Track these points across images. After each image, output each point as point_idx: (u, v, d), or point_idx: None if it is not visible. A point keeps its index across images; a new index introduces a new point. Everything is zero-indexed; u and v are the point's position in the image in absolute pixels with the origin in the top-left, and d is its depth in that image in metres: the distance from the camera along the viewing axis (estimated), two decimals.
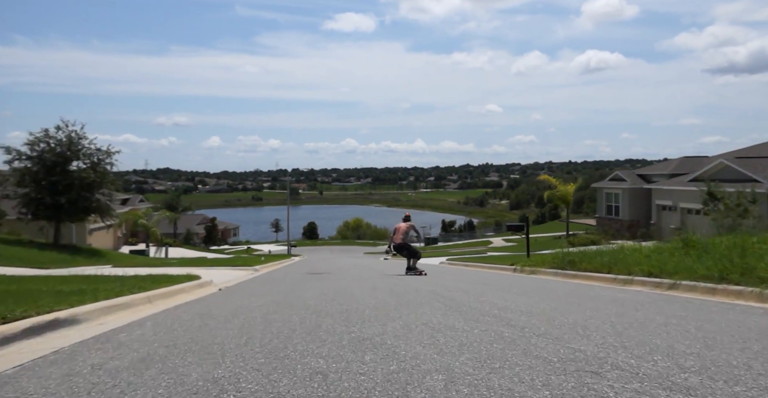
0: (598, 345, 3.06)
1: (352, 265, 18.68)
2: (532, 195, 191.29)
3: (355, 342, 3.30)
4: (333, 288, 7.42)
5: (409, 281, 9.20)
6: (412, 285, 7.99)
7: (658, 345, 3.08)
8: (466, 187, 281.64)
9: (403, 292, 6.65)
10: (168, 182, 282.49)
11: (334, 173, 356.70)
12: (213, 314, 4.75)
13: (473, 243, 49.03)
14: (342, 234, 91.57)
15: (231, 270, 13.71)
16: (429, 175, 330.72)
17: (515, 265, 11.52)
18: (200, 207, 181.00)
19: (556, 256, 10.04)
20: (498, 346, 3.08)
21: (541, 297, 6.03)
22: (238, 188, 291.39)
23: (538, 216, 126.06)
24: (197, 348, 3.17)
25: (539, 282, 8.56)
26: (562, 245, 25.32)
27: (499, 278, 9.59)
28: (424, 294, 6.28)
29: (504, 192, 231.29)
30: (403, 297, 6.12)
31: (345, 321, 4.18)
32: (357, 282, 8.55)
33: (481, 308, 4.91)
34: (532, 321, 4.03)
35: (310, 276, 11.14)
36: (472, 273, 12.40)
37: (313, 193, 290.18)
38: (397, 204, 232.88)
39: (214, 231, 56.77)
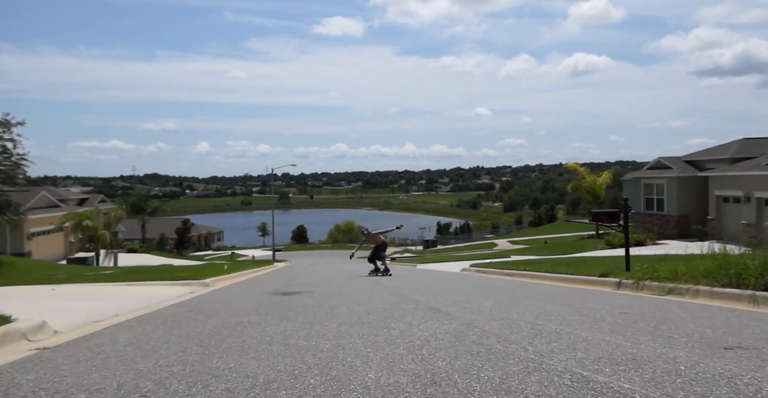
0: None
1: (345, 274, 14.17)
2: (526, 196, 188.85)
3: None
4: (308, 361, 2.85)
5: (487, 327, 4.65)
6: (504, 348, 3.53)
7: None
8: (458, 190, 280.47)
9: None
10: (156, 187, 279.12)
11: (324, 177, 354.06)
12: None
13: (476, 245, 44.61)
14: (333, 238, 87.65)
15: (164, 286, 9.08)
16: (420, 178, 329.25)
17: (619, 279, 6.96)
18: (188, 213, 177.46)
19: (699, 267, 5.57)
20: None
21: None
22: (227, 193, 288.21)
23: (534, 218, 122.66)
24: None
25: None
26: (599, 245, 21.22)
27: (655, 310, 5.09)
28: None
29: (497, 194, 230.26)
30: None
31: None
32: (366, 329, 4.00)
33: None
34: None
35: (277, 301, 6.62)
36: (558, 292, 7.79)
37: (303, 197, 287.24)
38: (389, 208, 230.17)
39: (187, 235, 50.17)
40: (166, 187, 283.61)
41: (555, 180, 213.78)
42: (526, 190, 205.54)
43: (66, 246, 30.24)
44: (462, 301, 6.10)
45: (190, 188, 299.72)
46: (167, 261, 26.64)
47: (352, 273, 15.83)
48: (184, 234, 47.45)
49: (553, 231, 49.12)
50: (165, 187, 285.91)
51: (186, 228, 49.32)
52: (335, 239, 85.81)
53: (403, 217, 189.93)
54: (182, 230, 48.51)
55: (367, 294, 7.39)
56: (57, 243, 28.38)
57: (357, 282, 9.97)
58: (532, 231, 61.17)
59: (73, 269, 17.53)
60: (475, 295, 6.73)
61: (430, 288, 8.17)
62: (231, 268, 15.57)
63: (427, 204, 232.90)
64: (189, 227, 46.73)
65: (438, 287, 8.62)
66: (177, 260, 29.89)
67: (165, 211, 44.97)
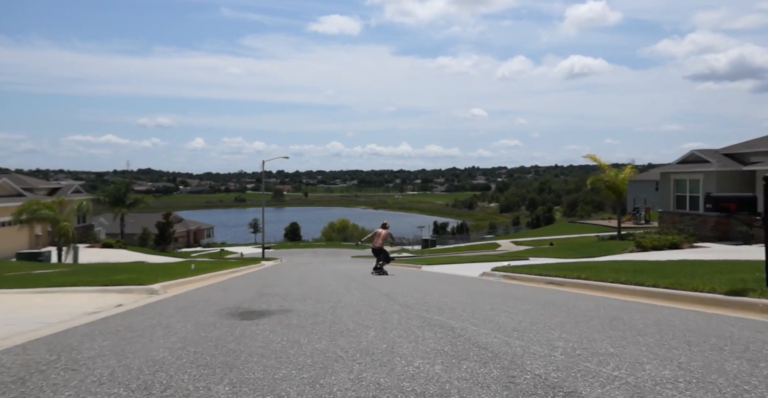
0: None
1: (342, 278, 11.54)
2: (523, 197, 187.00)
3: None
4: None
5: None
6: None
7: None
8: (454, 190, 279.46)
9: None
10: (149, 183, 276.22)
11: (319, 175, 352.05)
12: None
13: (478, 245, 42.03)
14: (327, 236, 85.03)
15: (90, 293, 6.38)
16: (415, 178, 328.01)
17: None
18: (180, 209, 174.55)
19: None
20: None
21: None
22: (220, 189, 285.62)
23: (532, 219, 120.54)
24: None
25: None
26: (628, 247, 18.73)
27: None
28: None
29: (493, 195, 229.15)
30: None
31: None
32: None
33: None
34: None
35: (218, 338, 3.79)
36: (713, 328, 5.15)
37: (297, 194, 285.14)
38: (384, 207, 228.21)
39: (169, 230, 44.30)
40: (159, 183, 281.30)
41: (552, 181, 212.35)
42: (523, 191, 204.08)
43: (31, 240, 27.34)
44: (577, 351, 3.45)
45: (184, 184, 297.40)
46: (141, 258, 23.89)
47: (351, 275, 13.15)
48: (165, 228, 43.50)
49: (556, 232, 46.68)
50: (158, 182, 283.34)
51: (168, 222, 44.39)
52: (329, 237, 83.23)
53: (398, 216, 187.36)
54: (164, 224, 43.67)
55: (381, 321, 4.73)
56: (19, 236, 25.52)
57: (359, 295, 7.29)
58: (533, 232, 58.76)
59: (7, 267, 14.76)
60: (573, 332, 4.10)
61: (477, 309, 5.50)
62: (209, 267, 12.90)
63: (423, 204, 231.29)
64: (171, 221, 43.54)
65: (481, 304, 5.97)
66: (154, 257, 27.10)
67: (148, 205, 41.71)
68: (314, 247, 62.61)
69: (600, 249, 19.94)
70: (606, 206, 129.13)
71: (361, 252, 55.87)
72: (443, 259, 20.68)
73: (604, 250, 19.13)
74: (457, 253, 32.05)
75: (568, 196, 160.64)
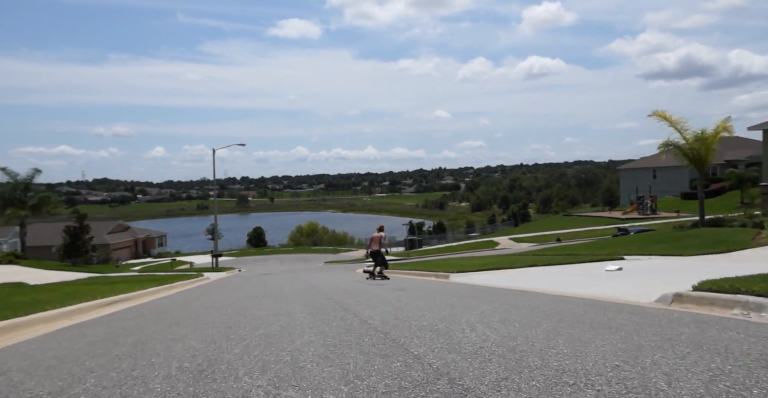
0: None
1: (328, 304, 6.06)
2: (494, 195, 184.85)
3: None
4: None
5: None
6: None
7: None
8: (423, 191, 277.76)
9: None
10: (104, 193, 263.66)
11: (285, 180, 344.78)
12: None
13: (473, 244, 36.92)
14: (295, 241, 78.99)
15: None
16: (383, 180, 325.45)
17: None
18: (138, 218, 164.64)
19: None
20: None
21: None
22: (182, 197, 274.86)
23: (509, 216, 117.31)
24: None
25: None
26: (756, 233, 14.00)
27: None
28: None
29: (463, 194, 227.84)
30: None
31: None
32: None
33: None
34: None
35: None
36: None
37: (263, 200, 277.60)
38: (353, 210, 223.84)
39: (83, 237, 34.21)
40: (116, 192, 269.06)
41: (521, 179, 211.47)
42: (493, 189, 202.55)
43: None
44: None
45: (143, 193, 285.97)
46: (32, 277, 17.67)
47: (338, 297, 7.67)
48: (77, 236, 33.64)
49: (554, 226, 42.13)
50: (115, 191, 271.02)
51: (81, 227, 34.38)
52: (298, 242, 77.14)
53: (368, 219, 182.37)
54: (75, 230, 33.82)
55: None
56: None
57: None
58: (527, 227, 54.15)
59: None
60: None
61: None
62: (102, 291, 7.39)
63: (392, 206, 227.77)
64: (84, 226, 34.65)
65: None
66: (56, 274, 20.48)
67: (59, 206, 33.69)
68: (281, 253, 56.61)
69: (715, 241, 14.80)
70: (582, 200, 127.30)
71: (334, 256, 50.22)
72: (472, 263, 14.51)
73: (722, 242, 14.08)
74: (458, 254, 26.89)
75: (540, 192, 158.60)
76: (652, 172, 53.88)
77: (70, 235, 30.17)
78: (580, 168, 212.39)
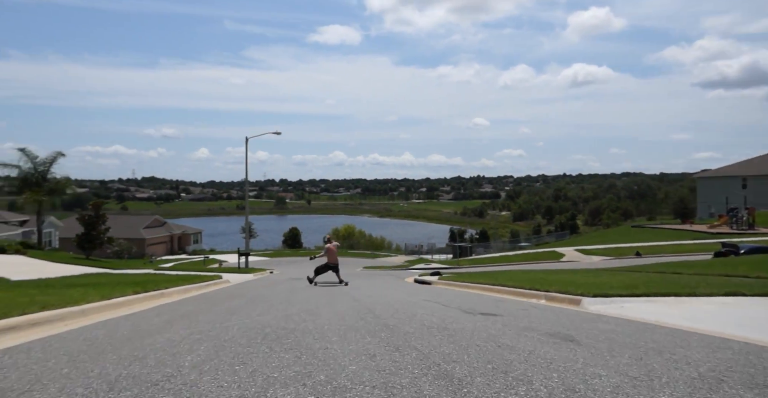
0: None
1: (412, 359, 3.52)
2: (537, 205, 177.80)
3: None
4: None
5: None
6: None
7: None
8: (461, 198, 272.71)
9: None
10: (151, 190, 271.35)
11: (322, 184, 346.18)
12: None
13: (533, 254, 32.72)
14: None
15: None
16: (420, 186, 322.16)
17: None
18: (180, 216, 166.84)
19: None
20: None
21: None
22: (222, 197, 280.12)
23: (556, 227, 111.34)
24: None
25: None
26: None
27: None
28: None
29: (503, 203, 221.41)
30: None
31: None
32: None
33: None
34: None
35: None
36: None
37: (300, 202, 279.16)
38: (389, 215, 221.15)
39: (99, 227, 29.76)
40: (162, 190, 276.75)
41: (566, 189, 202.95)
42: (536, 198, 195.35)
43: None
44: None
45: (187, 192, 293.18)
46: (30, 269, 14.97)
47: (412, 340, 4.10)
48: (93, 225, 29.37)
49: (622, 239, 37.28)
50: (160, 189, 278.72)
51: (97, 216, 29.89)
52: None
53: (405, 224, 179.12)
54: (91, 219, 29.40)
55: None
56: None
57: None
58: (590, 238, 49.03)
59: None
60: None
61: None
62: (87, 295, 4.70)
63: (429, 212, 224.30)
64: (101, 215, 30.21)
65: None
66: (63, 267, 17.79)
67: (75, 191, 30.82)
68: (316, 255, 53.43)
69: None
70: (636, 212, 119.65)
71: (372, 261, 46.90)
72: (600, 282, 10.08)
73: None
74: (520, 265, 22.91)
75: (588, 203, 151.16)
76: (741, 181, 47.82)
77: (85, 225, 27.60)
78: (630, 179, 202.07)
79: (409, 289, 12.58)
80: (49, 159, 26.50)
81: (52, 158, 26.69)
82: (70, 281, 10.85)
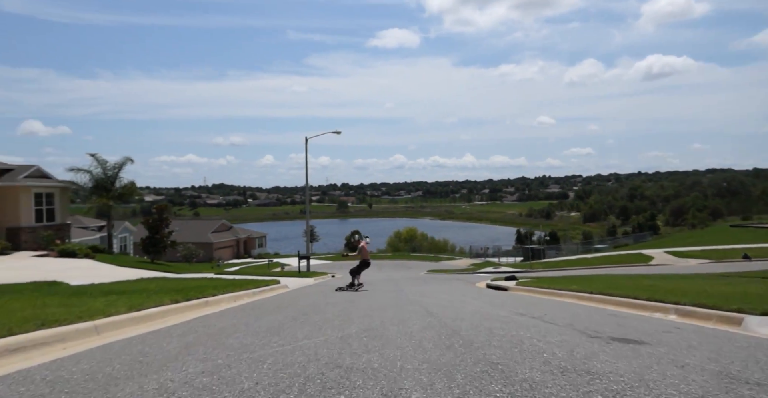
0: None
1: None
2: (610, 205, 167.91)
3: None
4: None
5: None
6: None
7: None
8: (526, 199, 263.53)
9: None
10: (220, 197, 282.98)
11: (383, 187, 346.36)
12: None
13: (615, 257, 29.55)
14: (393, 247, 75.11)
15: None
16: (483, 188, 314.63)
17: None
18: (247, 221, 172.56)
19: None
20: None
21: None
22: (287, 202, 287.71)
23: (634, 228, 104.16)
24: None
25: None
26: None
27: None
28: None
29: (572, 203, 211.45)
30: None
31: None
32: None
33: None
34: None
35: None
36: None
37: (361, 206, 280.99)
38: (451, 217, 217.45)
39: (160, 231, 28.88)
40: (230, 196, 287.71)
41: (642, 187, 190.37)
42: (609, 198, 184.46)
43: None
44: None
45: (253, 197, 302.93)
46: (96, 273, 14.50)
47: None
48: (157, 229, 28.65)
49: (719, 239, 33.14)
50: (229, 195, 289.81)
51: (161, 219, 29.01)
52: (396, 248, 73.17)
53: (468, 227, 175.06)
54: (155, 223, 28.70)
55: None
56: None
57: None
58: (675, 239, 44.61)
59: None
60: None
61: None
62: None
63: (493, 214, 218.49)
64: (165, 218, 29.49)
65: None
66: (129, 271, 17.37)
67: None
68: (378, 259, 52.58)
69: None
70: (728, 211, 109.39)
71: (436, 265, 45.04)
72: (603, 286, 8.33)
73: None
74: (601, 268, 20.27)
75: (671, 202, 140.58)
76: None
77: (149, 228, 27.67)
78: (717, 176, 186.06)
79: (488, 297, 10.75)
80: (118, 164, 26.97)
81: (121, 163, 27.14)
82: (114, 287, 9.94)
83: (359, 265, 14.48)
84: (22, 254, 18.64)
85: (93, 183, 25.88)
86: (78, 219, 41.73)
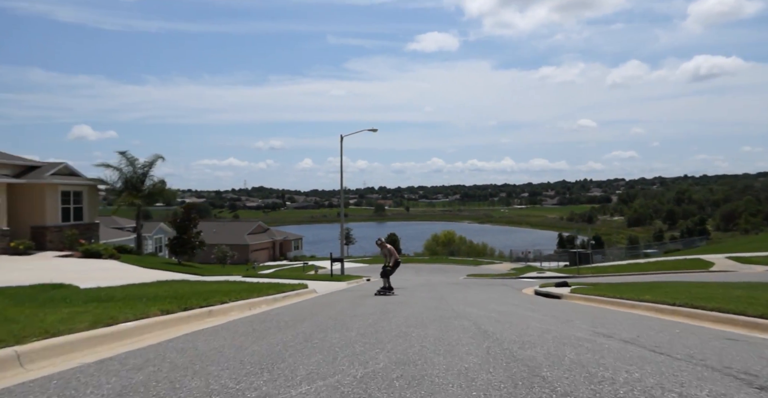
0: None
1: None
2: (655, 209, 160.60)
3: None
4: None
5: None
6: None
7: None
8: (566, 203, 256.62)
9: None
10: (259, 200, 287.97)
11: (420, 190, 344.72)
12: None
13: (670, 263, 27.04)
14: (431, 250, 73.34)
15: None
16: (522, 192, 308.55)
17: None
18: (285, 223, 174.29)
19: None
20: None
21: None
22: (324, 205, 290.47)
23: (683, 233, 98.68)
24: None
25: None
26: None
27: None
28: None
29: (615, 207, 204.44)
30: None
31: None
32: None
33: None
34: None
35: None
36: None
37: (399, 209, 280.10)
38: (490, 221, 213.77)
39: (191, 229, 28.20)
40: (269, 199, 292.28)
41: (690, 191, 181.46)
42: (654, 202, 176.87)
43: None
44: None
45: (291, 200, 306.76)
46: (120, 275, 13.65)
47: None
48: (185, 229, 27.91)
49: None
50: (268, 198, 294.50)
51: (188, 219, 28.29)
52: (434, 251, 71.34)
53: (507, 231, 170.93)
54: (182, 223, 28.07)
55: None
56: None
57: None
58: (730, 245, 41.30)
59: None
60: None
61: None
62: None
63: (533, 218, 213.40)
64: (193, 217, 28.73)
65: None
66: (156, 274, 16.44)
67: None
68: (417, 262, 51.04)
69: None
70: None
71: (476, 269, 43.13)
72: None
73: None
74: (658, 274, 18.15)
75: (721, 207, 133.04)
76: None
77: (176, 228, 26.95)
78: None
79: (545, 307, 9.12)
80: (148, 162, 26.49)
81: (152, 161, 26.64)
82: (117, 292, 8.88)
83: (393, 266, 13.48)
84: (45, 254, 18.26)
85: (122, 181, 25.42)
86: (114, 220, 41.97)
